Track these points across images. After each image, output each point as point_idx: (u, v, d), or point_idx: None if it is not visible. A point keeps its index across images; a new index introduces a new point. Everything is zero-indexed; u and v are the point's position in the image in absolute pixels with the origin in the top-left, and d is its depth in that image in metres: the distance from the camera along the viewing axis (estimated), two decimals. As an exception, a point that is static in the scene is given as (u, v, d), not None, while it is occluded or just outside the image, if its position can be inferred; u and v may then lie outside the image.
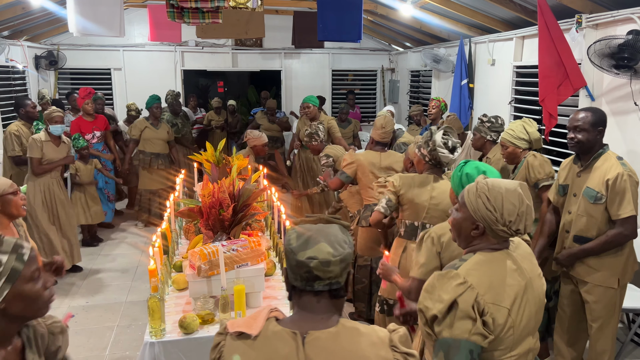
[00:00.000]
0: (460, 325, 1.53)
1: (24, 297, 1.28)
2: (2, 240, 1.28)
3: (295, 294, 1.34)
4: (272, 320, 1.32)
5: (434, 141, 2.81)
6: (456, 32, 6.37)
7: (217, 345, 1.35)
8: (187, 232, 3.43)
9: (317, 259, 1.27)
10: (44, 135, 4.71)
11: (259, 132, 4.77)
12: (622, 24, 3.85)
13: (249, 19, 5.14)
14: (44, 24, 7.16)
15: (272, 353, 1.26)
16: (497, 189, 1.64)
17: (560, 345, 3.14)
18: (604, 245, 2.78)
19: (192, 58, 8.74)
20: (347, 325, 1.30)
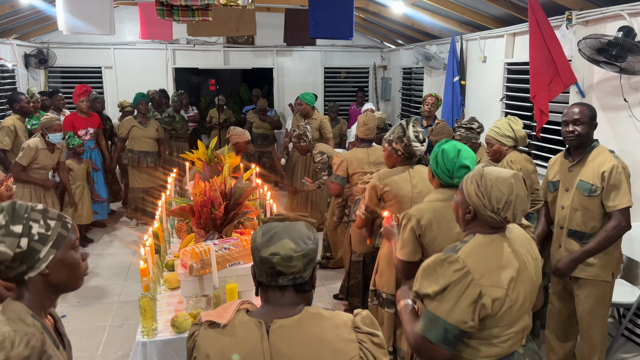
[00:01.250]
0: (444, 306, 1.63)
1: (67, 264, 1.33)
2: (47, 209, 1.33)
3: (261, 289, 1.39)
4: (242, 311, 1.38)
5: (408, 137, 2.89)
6: (448, 29, 6.38)
7: (192, 334, 1.40)
8: (179, 231, 3.42)
9: (279, 254, 1.32)
10: (40, 142, 4.66)
11: (241, 129, 4.74)
12: (611, 20, 3.87)
13: (240, 17, 5.11)
14: (33, 22, 7.09)
15: (238, 341, 1.31)
16: (489, 176, 1.71)
17: (552, 340, 3.15)
18: (605, 242, 2.77)
19: (183, 56, 8.70)
20: (310, 312, 1.35)
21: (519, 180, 1.71)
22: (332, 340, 1.30)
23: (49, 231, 1.29)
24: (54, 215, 1.32)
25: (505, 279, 1.67)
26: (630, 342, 3.68)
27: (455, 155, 2.24)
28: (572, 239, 2.90)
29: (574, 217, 2.86)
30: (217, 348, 1.32)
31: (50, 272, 1.29)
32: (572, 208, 2.86)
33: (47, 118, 4.74)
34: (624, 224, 2.74)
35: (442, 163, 2.27)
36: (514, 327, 1.72)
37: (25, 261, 1.26)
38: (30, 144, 4.59)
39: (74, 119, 6.03)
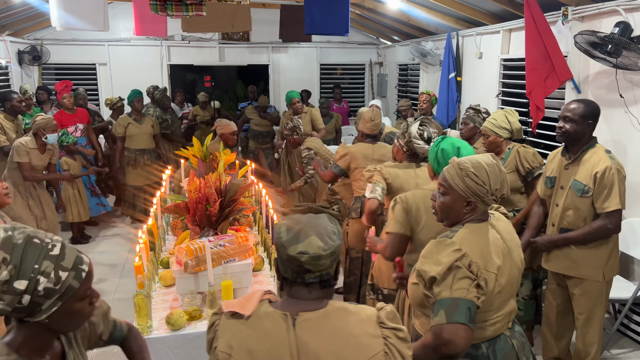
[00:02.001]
0: (459, 285, 1.66)
1: (69, 314, 1.22)
2: (64, 253, 1.19)
3: (286, 284, 1.37)
4: (265, 302, 1.36)
5: (410, 133, 2.91)
6: (444, 25, 6.36)
7: (212, 324, 1.38)
8: (174, 228, 3.40)
9: (308, 254, 1.29)
10: (32, 142, 4.61)
11: (227, 120, 4.73)
12: (607, 16, 3.87)
13: (235, 13, 5.07)
14: (26, 19, 7.04)
15: (263, 333, 1.30)
16: (479, 165, 1.79)
17: (548, 337, 3.16)
18: (586, 236, 2.77)
19: (178, 52, 8.65)
20: (335, 306, 1.34)
21: (498, 160, 1.83)
22: (358, 335, 1.29)
23: (58, 285, 1.16)
24: (69, 264, 1.19)
25: (494, 263, 1.74)
26: (625, 338, 3.69)
27: (456, 153, 2.27)
28: None
29: (566, 216, 2.86)
30: (240, 339, 1.30)
31: (49, 321, 1.19)
32: (564, 207, 2.86)
33: (44, 118, 4.69)
34: (610, 226, 2.72)
35: (444, 163, 2.25)
36: (501, 311, 1.80)
37: (25, 312, 1.16)
38: (22, 142, 4.54)
39: (61, 116, 5.99)
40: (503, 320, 1.82)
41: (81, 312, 1.25)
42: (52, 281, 1.15)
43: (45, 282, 1.14)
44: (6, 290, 1.11)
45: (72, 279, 1.19)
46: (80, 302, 1.23)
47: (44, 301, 1.16)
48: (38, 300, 1.15)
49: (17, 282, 1.12)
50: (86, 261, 1.24)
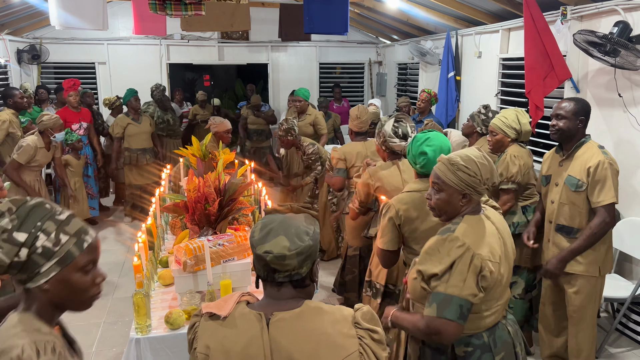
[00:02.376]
0: (454, 283, 1.72)
1: (70, 285, 1.22)
2: (70, 219, 1.22)
3: (260, 283, 1.41)
4: (242, 303, 1.38)
5: (384, 132, 2.91)
6: (443, 24, 6.37)
7: (192, 325, 1.40)
8: (173, 227, 3.40)
9: (272, 253, 1.31)
10: (39, 140, 4.64)
11: (221, 118, 4.70)
12: (606, 15, 3.87)
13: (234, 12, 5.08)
14: (25, 17, 7.03)
15: (238, 333, 1.32)
16: (468, 158, 1.86)
17: (545, 336, 3.17)
18: (591, 239, 2.78)
19: (177, 51, 8.65)
20: (310, 306, 1.35)
21: (482, 151, 1.91)
22: (332, 335, 1.30)
23: (57, 247, 1.18)
24: (72, 230, 1.21)
25: (495, 253, 1.80)
26: (624, 337, 3.69)
27: (422, 142, 2.33)
28: (559, 234, 2.92)
29: (562, 212, 2.88)
30: (217, 339, 1.33)
31: (50, 288, 1.20)
32: (560, 203, 2.88)
33: (51, 118, 4.71)
34: (608, 220, 2.74)
35: (411, 148, 2.39)
36: (501, 300, 1.88)
37: (24, 271, 1.18)
38: (30, 143, 4.57)
39: (66, 114, 5.98)
40: (500, 309, 1.90)
41: (81, 285, 1.24)
42: (52, 241, 1.18)
43: (44, 239, 1.17)
44: (5, 238, 1.15)
45: (72, 245, 1.20)
46: (80, 274, 1.23)
47: (42, 261, 1.17)
48: (36, 258, 1.17)
49: (17, 233, 1.15)
50: (91, 234, 1.26)
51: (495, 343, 1.87)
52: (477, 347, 1.85)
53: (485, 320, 1.85)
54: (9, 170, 4.56)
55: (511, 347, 1.91)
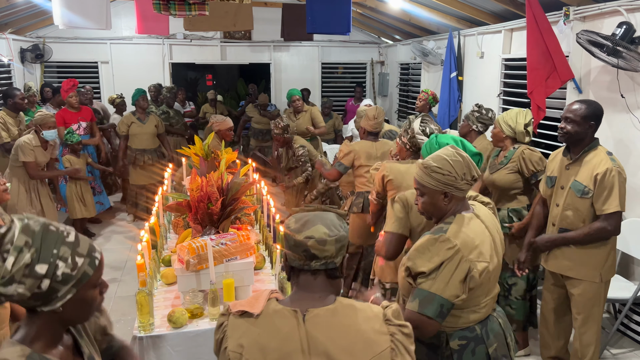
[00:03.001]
0: (439, 284, 1.79)
1: (82, 303, 1.23)
2: (79, 240, 1.22)
3: (293, 274, 1.43)
4: (272, 300, 1.40)
5: (412, 129, 2.98)
6: (445, 24, 6.37)
7: (220, 325, 1.41)
8: (175, 226, 3.42)
9: (314, 237, 1.36)
10: (34, 139, 4.63)
11: (222, 117, 4.73)
12: (609, 16, 3.87)
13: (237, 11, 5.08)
14: (29, 17, 7.05)
15: (274, 330, 1.33)
16: (439, 158, 1.94)
17: (546, 336, 3.16)
18: (585, 237, 2.77)
19: (180, 51, 8.66)
20: (343, 303, 1.39)
21: (455, 148, 1.98)
22: (366, 331, 1.34)
23: (74, 271, 1.18)
24: (84, 251, 1.21)
25: (486, 252, 1.87)
26: (625, 337, 3.70)
27: (434, 140, 2.42)
28: None
29: (565, 216, 2.85)
30: (251, 337, 1.33)
31: (63, 310, 1.20)
32: (564, 207, 2.85)
33: (41, 115, 4.71)
34: (609, 228, 2.71)
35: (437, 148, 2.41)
36: (490, 295, 1.97)
37: (41, 299, 1.17)
38: (26, 140, 4.56)
39: (65, 114, 6.00)
40: (491, 303, 2.00)
41: (92, 301, 1.26)
42: (70, 266, 1.18)
43: (63, 267, 1.16)
44: (28, 274, 1.13)
45: (87, 265, 1.21)
46: (92, 290, 1.25)
47: (61, 287, 1.17)
48: (56, 285, 1.16)
49: (38, 265, 1.14)
50: (98, 250, 1.27)
51: (487, 335, 1.96)
52: (470, 339, 1.93)
53: (477, 314, 1.94)
54: (34, 175, 4.58)
55: (503, 338, 2.01)
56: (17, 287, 1.13)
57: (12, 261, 1.12)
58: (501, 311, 2.11)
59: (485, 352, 1.95)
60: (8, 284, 1.12)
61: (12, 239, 1.14)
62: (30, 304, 1.18)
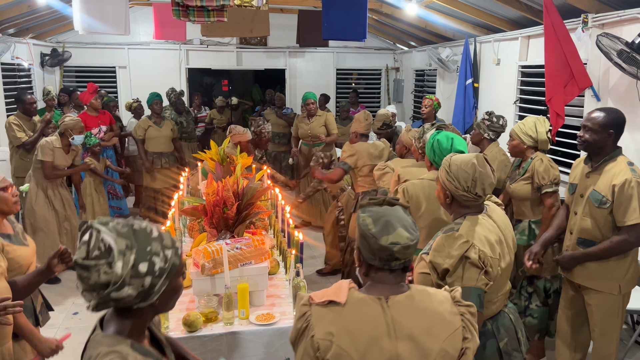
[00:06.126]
0: (469, 275, 1.86)
1: (173, 292, 1.30)
2: (162, 234, 1.27)
3: (371, 271, 1.49)
4: (353, 289, 1.47)
5: (424, 139, 3.06)
6: (461, 31, 6.35)
7: (303, 314, 1.45)
8: (191, 230, 3.44)
9: (400, 244, 1.43)
10: (57, 141, 4.70)
11: (243, 128, 4.75)
12: (628, 23, 3.83)
13: (253, 18, 5.13)
14: (49, 22, 7.18)
15: (361, 317, 1.41)
16: (455, 163, 2.00)
17: (562, 348, 3.10)
18: (606, 252, 2.71)
19: (196, 56, 8.75)
20: (418, 289, 1.49)
21: (481, 160, 2.00)
22: (442, 313, 1.45)
23: (167, 264, 1.24)
24: (169, 243, 1.27)
25: (495, 250, 1.94)
26: (644, 350, 3.63)
27: (449, 143, 2.53)
28: (581, 248, 2.83)
29: (584, 225, 2.80)
30: (340, 325, 1.40)
31: (159, 301, 1.26)
32: (582, 215, 2.81)
33: (72, 119, 4.77)
34: (631, 240, 2.66)
35: (439, 151, 2.55)
36: (501, 291, 2.06)
37: (142, 296, 1.22)
38: (48, 141, 4.63)
39: (85, 118, 6.07)
40: (502, 299, 2.08)
41: (180, 288, 1.33)
42: (163, 260, 1.23)
43: (158, 261, 1.22)
44: (134, 274, 1.18)
45: (174, 256, 1.27)
46: (179, 278, 1.32)
47: (157, 281, 1.23)
48: (154, 281, 1.22)
49: (141, 265, 1.19)
50: (175, 239, 1.33)
51: (498, 330, 2.05)
52: (482, 334, 1.99)
53: (488, 310, 2.01)
54: (48, 174, 4.63)
55: (514, 333, 2.09)
56: (128, 290, 1.18)
57: (121, 265, 1.17)
58: (513, 307, 2.19)
59: (496, 347, 2.03)
60: (120, 288, 1.17)
61: (98, 245, 1.18)
62: (133, 302, 1.22)
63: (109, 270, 1.16)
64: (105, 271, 1.16)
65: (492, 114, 3.92)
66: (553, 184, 3.23)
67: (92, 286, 1.18)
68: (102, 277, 1.16)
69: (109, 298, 1.18)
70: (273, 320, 2.37)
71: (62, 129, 4.71)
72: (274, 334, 2.35)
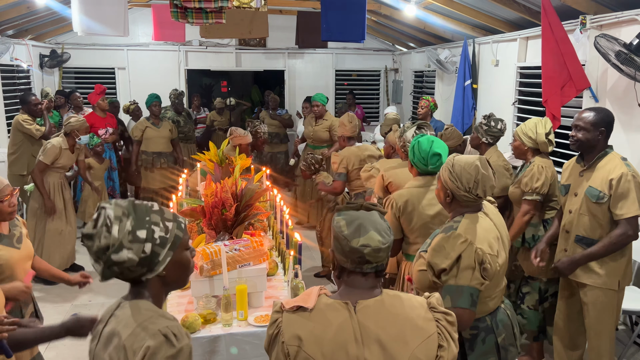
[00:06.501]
0: (463, 275, 1.91)
1: (181, 264, 1.39)
2: (163, 209, 1.37)
3: (343, 274, 1.50)
4: (323, 295, 1.48)
5: (405, 137, 3.14)
6: (460, 32, 6.36)
7: (275, 321, 1.47)
8: (189, 231, 3.44)
9: (370, 246, 1.42)
10: (63, 142, 4.71)
11: (243, 131, 4.75)
12: (626, 25, 3.84)
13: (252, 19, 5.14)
14: (48, 23, 7.18)
15: (327, 322, 1.40)
16: (458, 163, 2.05)
17: (560, 348, 3.12)
18: (609, 248, 2.74)
19: (195, 58, 8.75)
20: (389, 294, 1.47)
21: (484, 162, 2.05)
22: (413, 319, 1.42)
23: (168, 234, 1.34)
24: (170, 217, 1.37)
25: (493, 247, 2.00)
26: (642, 350, 3.63)
27: (429, 145, 2.58)
28: (580, 245, 2.85)
29: (581, 223, 2.83)
30: (307, 330, 1.40)
31: (166, 273, 1.35)
32: (579, 213, 2.83)
33: (78, 120, 4.79)
34: (630, 233, 2.70)
35: (418, 153, 2.61)
36: (499, 287, 2.11)
37: (147, 264, 1.32)
38: (55, 144, 4.65)
39: (94, 118, 6.10)
40: (500, 295, 2.14)
41: (188, 262, 1.42)
42: (163, 230, 1.33)
43: (158, 230, 1.32)
44: (132, 239, 1.28)
45: (176, 229, 1.36)
46: (185, 252, 1.40)
47: (160, 250, 1.32)
48: (156, 249, 1.31)
49: (139, 231, 1.29)
50: (181, 216, 1.42)
51: (497, 325, 2.10)
52: (481, 329, 2.07)
53: (487, 306, 2.07)
54: (34, 172, 4.64)
55: (510, 328, 2.15)
56: (127, 253, 1.28)
57: (117, 229, 1.28)
58: (509, 303, 2.25)
59: (494, 341, 2.08)
60: (119, 250, 1.27)
61: (105, 221, 1.29)
62: (138, 271, 1.32)
63: (108, 235, 1.27)
64: (105, 236, 1.28)
65: (490, 118, 3.87)
66: (534, 193, 3.20)
67: (96, 253, 1.29)
68: (102, 242, 1.27)
69: (111, 262, 1.28)
70: (271, 322, 2.37)
71: (68, 129, 4.73)
72: (272, 335, 2.35)
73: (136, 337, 1.25)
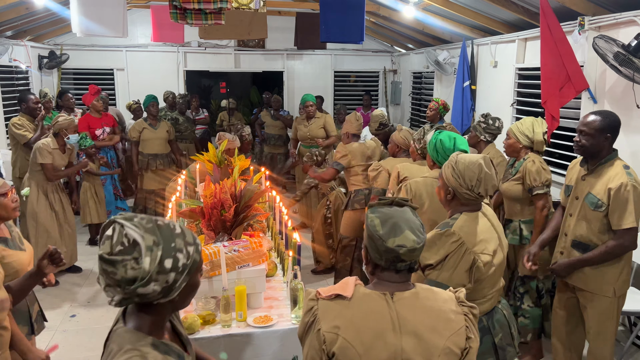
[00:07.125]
0: (444, 274, 1.97)
1: (192, 288, 1.30)
2: (183, 230, 1.26)
3: (377, 270, 1.52)
4: (359, 285, 1.51)
5: (425, 140, 3.17)
6: (458, 33, 6.37)
7: (310, 309, 1.48)
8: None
9: (406, 247, 1.45)
10: (53, 142, 4.69)
11: (231, 135, 4.78)
12: (625, 26, 3.85)
13: (251, 20, 5.14)
14: (47, 24, 7.18)
15: (367, 310, 1.44)
16: (462, 161, 2.06)
17: (559, 348, 3.11)
18: (603, 256, 2.71)
19: (194, 59, 8.75)
20: (423, 287, 1.53)
21: (487, 162, 2.06)
22: (446, 312, 1.48)
23: (189, 260, 1.24)
24: (191, 240, 1.26)
25: (490, 247, 2.01)
26: (641, 351, 3.64)
27: (452, 143, 2.59)
28: (576, 250, 2.83)
29: (579, 228, 2.80)
30: (346, 318, 1.43)
31: (178, 297, 1.26)
32: (577, 218, 2.81)
33: (66, 119, 4.77)
34: (626, 244, 2.66)
35: (442, 151, 2.61)
36: (495, 287, 2.13)
37: (165, 292, 1.21)
38: (45, 143, 4.62)
39: (89, 119, 6.09)
40: (496, 295, 2.15)
41: (198, 284, 1.32)
42: (185, 257, 1.23)
43: (182, 257, 1.22)
44: (159, 270, 1.17)
45: (195, 252, 1.27)
46: (198, 275, 1.31)
47: (180, 277, 1.22)
48: (177, 277, 1.21)
49: (166, 261, 1.18)
50: (195, 235, 1.32)
51: (493, 325, 2.11)
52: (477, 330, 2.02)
53: (483, 306, 2.07)
54: (51, 177, 4.62)
55: (507, 328, 2.16)
56: (154, 286, 1.17)
57: (149, 261, 1.16)
58: (505, 303, 2.25)
59: (491, 342, 2.09)
60: (147, 284, 1.16)
61: (121, 240, 1.17)
62: (154, 299, 1.21)
63: (137, 266, 1.15)
64: (133, 267, 1.15)
65: (487, 116, 3.99)
66: (544, 186, 3.26)
67: (117, 282, 1.16)
68: (130, 273, 1.15)
69: (135, 294, 1.18)
70: (271, 323, 2.37)
71: (57, 129, 4.71)
72: (271, 336, 2.35)
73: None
